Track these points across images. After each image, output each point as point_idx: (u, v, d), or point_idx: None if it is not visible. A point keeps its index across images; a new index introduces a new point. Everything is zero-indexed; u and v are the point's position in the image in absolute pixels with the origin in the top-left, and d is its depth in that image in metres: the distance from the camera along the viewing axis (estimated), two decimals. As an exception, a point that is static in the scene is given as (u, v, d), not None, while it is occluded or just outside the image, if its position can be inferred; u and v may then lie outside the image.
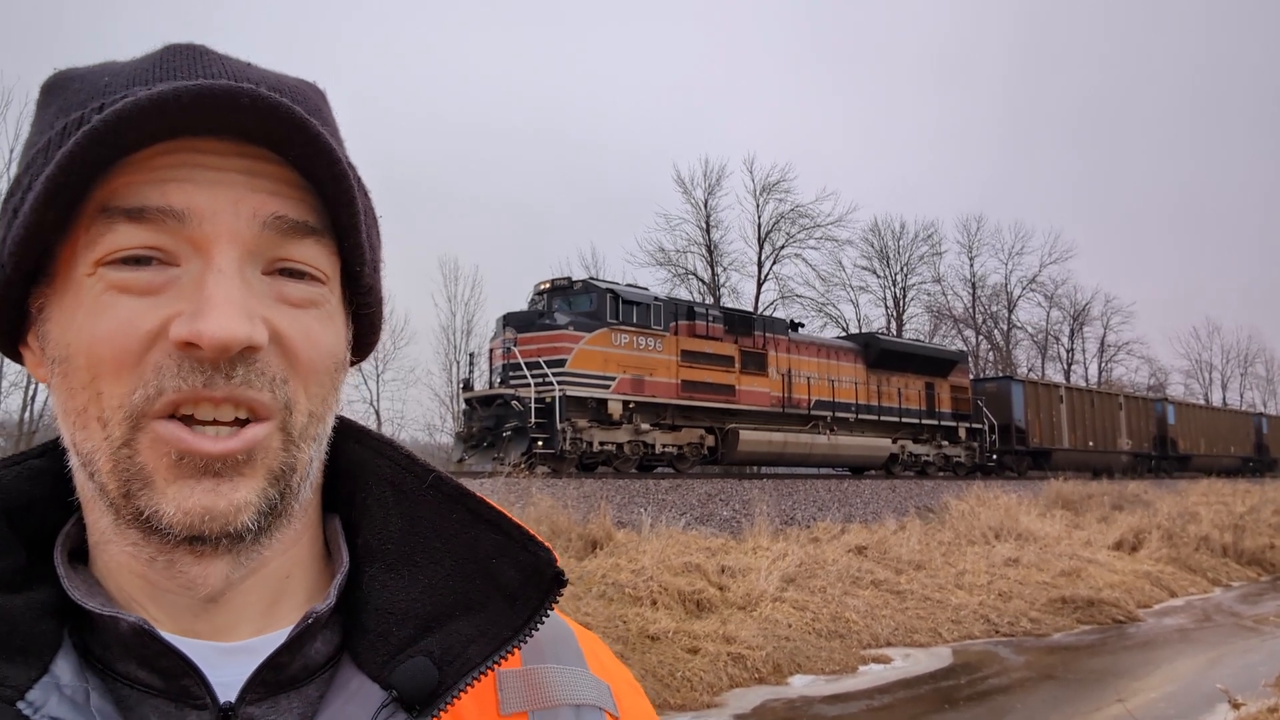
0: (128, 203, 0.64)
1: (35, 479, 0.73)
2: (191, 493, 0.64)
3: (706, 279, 44.04)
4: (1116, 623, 13.06)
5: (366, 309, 0.78)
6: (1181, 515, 20.94)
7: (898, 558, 14.41)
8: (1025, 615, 12.79)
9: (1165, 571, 16.65)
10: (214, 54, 0.71)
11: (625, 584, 10.35)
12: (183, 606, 0.68)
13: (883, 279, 51.24)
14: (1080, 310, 58.23)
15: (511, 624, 0.73)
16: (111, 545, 0.68)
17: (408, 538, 0.75)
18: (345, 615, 0.73)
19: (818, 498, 19.58)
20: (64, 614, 0.67)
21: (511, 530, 0.76)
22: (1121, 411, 37.11)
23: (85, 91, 0.69)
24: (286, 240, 0.68)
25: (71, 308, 0.66)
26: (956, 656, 10.83)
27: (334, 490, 0.79)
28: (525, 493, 13.64)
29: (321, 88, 0.78)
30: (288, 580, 0.73)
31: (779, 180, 44.62)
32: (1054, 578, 14.54)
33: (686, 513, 15.64)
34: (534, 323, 19.01)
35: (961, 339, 52.41)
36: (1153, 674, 9.97)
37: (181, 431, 0.64)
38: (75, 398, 0.66)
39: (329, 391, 0.72)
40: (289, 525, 0.71)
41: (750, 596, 11.12)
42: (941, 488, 23.11)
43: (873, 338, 27.93)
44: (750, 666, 9.29)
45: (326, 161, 0.67)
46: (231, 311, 0.63)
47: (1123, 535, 18.53)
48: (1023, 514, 19.14)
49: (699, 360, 20.86)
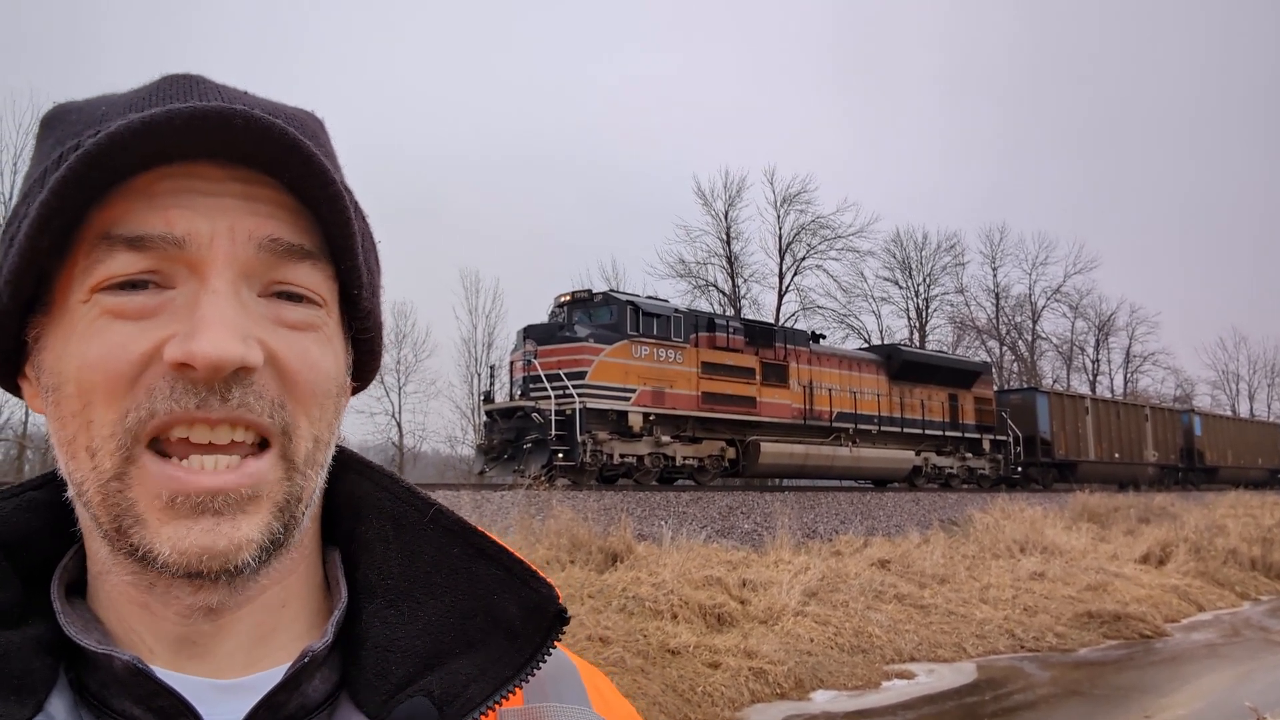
0: (129, 230, 0.64)
1: (33, 511, 0.73)
2: (188, 533, 0.63)
3: (727, 291, 44.04)
4: (1143, 638, 12.87)
5: (365, 333, 0.77)
6: (1209, 528, 20.65)
7: (921, 571, 14.27)
8: (1051, 630, 12.63)
9: (1193, 585, 16.41)
10: (210, 82, 0.71)
11: (646, 597, 10.30)
12: (178, 635, 0.67)
13: (905, 290, 51.11)
14: (1105, 320, 57.85)
15: (513, 662, 0.72)
16: (111, 575, 0.68)
17: (408, 573, 0.74)
18: (344, 652, 0.72)
19: (840, 510, 19.45)
20: (60, 650, 0.67)
21: (513, 566, 0.75)
22: (1148, 423, 36.71)
23: (82, 121, 0.69)
24: (283, 263, 0.67)
25: (65, 335, 0.66)
26: (981, 672, 10.70)
27: (335, 523, 0.78)
28: (546, 505, 13.63)
29: (320, 116, 0.78)
30: (283, 610, 0.72)
31: (800, 191, 44.73)
32: (1080, 592, 14.36)
33: (707, 525, 15.58)
34: (554, 335, 19.04)
35: (985, 350, 52.14)
36: (1180, 690, 9.81)
37: (174, 470, 0.63)
38: (66, 427, 0.65)
39: (331, 417, 0.71)
40: (286, 554, 0.70)
41: (772, 610, 11.04)
42: (965, 500, 22.91)
43: (895, 349, 27.81)
44: (772, 681, 9.21)
45: (321, 183, 0.67)
46: (225, 331, 0.63)
47: (1149, 548, 18.27)
48: (1048, 527, 18.95)
49: (720, 372, 20.80)
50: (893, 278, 50.66)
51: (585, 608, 9.72)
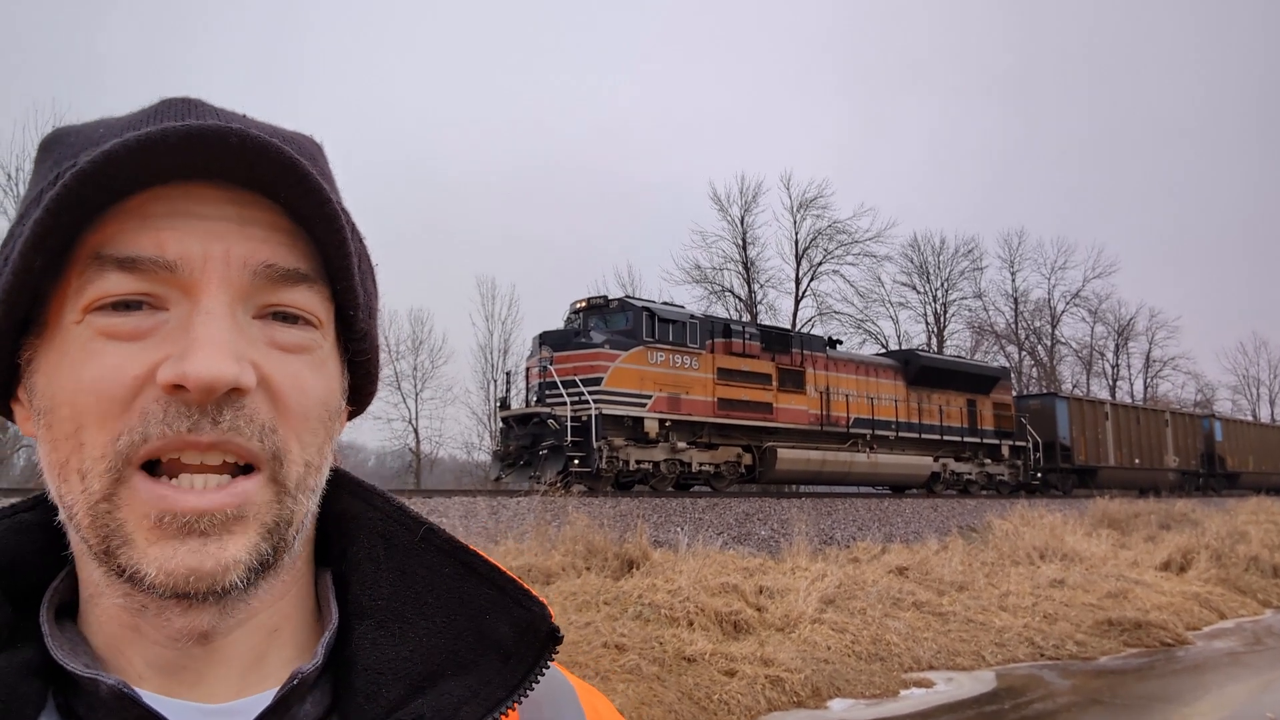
0: (120, 251, 0.64)
1: (25, 533, 0.72)
2: (175, 553, 0.63)
3: (743, 296, 43.94)
4: (1165, 645, 12.73)
5: (362, 355, 0.76)
6: (1230, 534, 20.41)
7: (940, 578, 14.18)
8: (1071, 638, 12.52)
9: (1214, 593, 16.24)
10: (208, 105, 0.71)
11: (661, 604, 10.27)
12: (170, 659, 0.67)
13: (923, 295, 50.82)
14: (1125, 325, 57.36)
15: (505, 683, 0.71)
16: (103, 598, 0.67)
17: (399, 593, 0.73)
18: (335, 675, 0.71)
19: (857, 517, 19.37)
20: (49, 674, 0.66)
21: (505, 585, 0.74)
22: (1168, 428, 36.39)
23: (80, 143, 0.69)
24: (278, 287, 0.67)
25: (58, 356, 0.65)
26: (1000, 680, 10.61)
27: (326, 544, 0.77)
28: (561, 511, 13.64)
29: (318, 140, 0.78)
30: (275, 634, 0.71)
31: (816, 196, 44.50)
32: (1100, 599, 14.22)
33: (724, 532, 15.55)
34: (570, 341, 19.05)
35: (1004, 355, 51.76)
36: (1202, 699, 9.69)
37: (163, 489, 0.63)
38: (58, 450, 0.65)
39: (323, 441, 0.71)
40: (277, 577, 0.70)
41: (788, 618, 10.99)
42: (984, 507, 22.76)
43: (913, 354, 27.65)
44: (788, 690, 9.16)
45: (316, 202, 0.66)
46: (217, 352, 0.62)
47: (1170, 555, 18.09)
48: (1068, 533, 18.79)
49: (736, 378, 20.75)
50: (910, 283, 50.45)
51: (601, 615, 9.71)
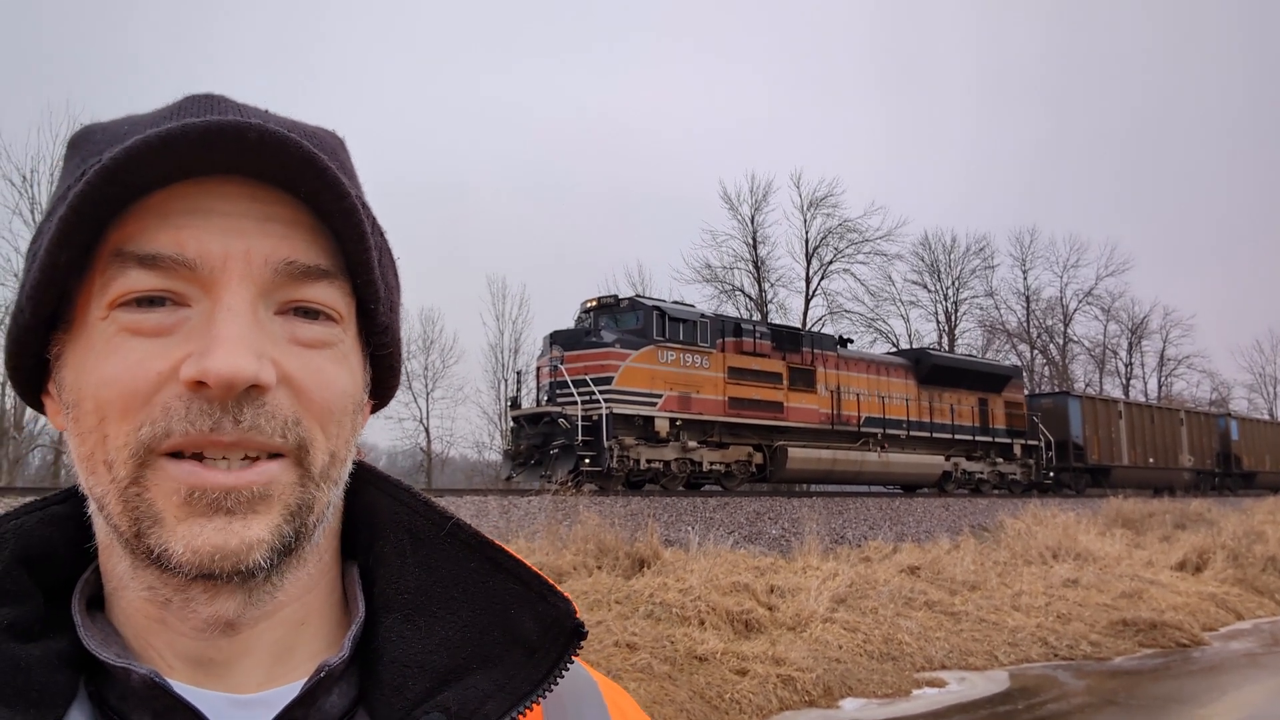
0: (141, 248, 0.64)
1: (56, 525, 0.73)
2: (201, 531, 0.64)
3: (754, 295, 43.92)
4: (1180, 646, 12.66)
5: (384, 349, 0.77)
6: (1247, 534, 20.27)
7: (952, 578, 14.14)
8: (1085, 638, 12.46)
9: (1231, 593, 16.13)
10: (231, 101, 0.71)
11: (673, 603, 10.27)
12: (198, 651, 0.67)
13: (934, 293, 50.65)
14: (1138, 323, 57.08)
15: (530, 678, 0.71)
16: (129, 590, 0.68)
17: (425, 587, 0.74)
18: (361, 667, 0.71)
19: (869, 516, 19.34)
20: (81, 664, 0.67)
21: (530, 580, 0.74)
22: (1183, 427, 36.21)
23: (105, 141, 0.69)
24: (299, 283, 0.68)
25: (84, 351, 0.66)
26: (1014, 680, 10.57)
27: (353, 538, 0.78)
28: (572, 510, 13.65)
29: (340, 135, 0.78)
30: (303, 627, 0.71)
31: (827, 195, 44.38)
32: (1115, 599, 14.15)
33: (734, 531, 15.54)
34: (581, 341, 19.09)
35: (1016, 354, 51.60)
36: (1219, 701, 9.63)
37: (192, 466, 0.64)
38: (85, 442, 0.66)
39: (348, 433, 0.71)
40: (302, 567, 0.70)
41: (800, 617, 10.97)
42: (996, 506, 22.69)
43: (924, 353, 27.63)
44: (800, 689, 9.14)
45: (335, 195, 0.66)
46: (238, 348, 0.63)
47: (1186, 555, 17.99)
48: (1081, 533, 18.70)
49: (746, 377, 20.76)
50: (921, 281, 50.30)
51: (612, 614, 9.71)
